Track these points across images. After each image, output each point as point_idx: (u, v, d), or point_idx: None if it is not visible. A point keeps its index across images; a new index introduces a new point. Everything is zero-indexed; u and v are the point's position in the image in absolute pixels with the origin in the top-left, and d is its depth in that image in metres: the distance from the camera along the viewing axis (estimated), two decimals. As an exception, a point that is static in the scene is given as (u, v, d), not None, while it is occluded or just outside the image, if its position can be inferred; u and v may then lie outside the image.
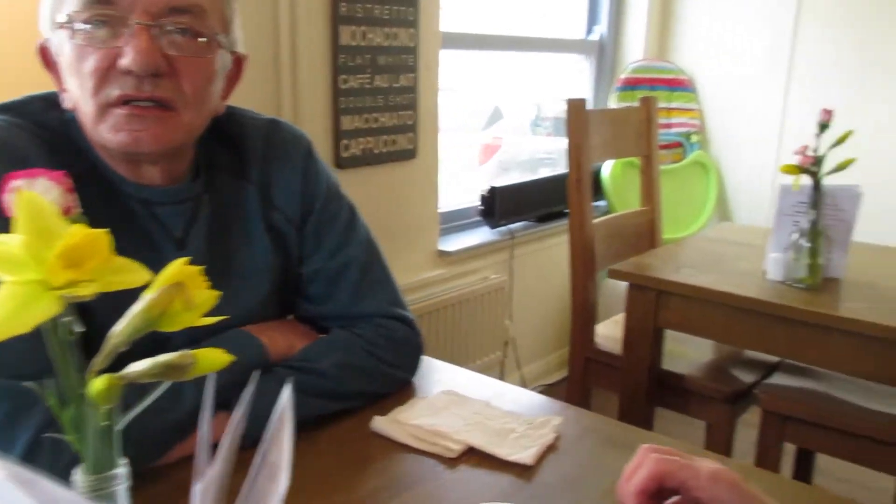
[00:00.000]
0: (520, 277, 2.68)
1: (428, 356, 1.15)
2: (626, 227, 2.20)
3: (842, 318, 1.49)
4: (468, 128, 3.58)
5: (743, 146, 2.97)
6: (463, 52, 2.70)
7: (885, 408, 1.67)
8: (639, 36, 3.06)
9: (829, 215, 1.61)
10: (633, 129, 2.14)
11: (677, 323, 1.74)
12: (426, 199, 2.34)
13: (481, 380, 1.16)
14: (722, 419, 1.82)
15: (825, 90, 2.69)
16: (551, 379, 2.90)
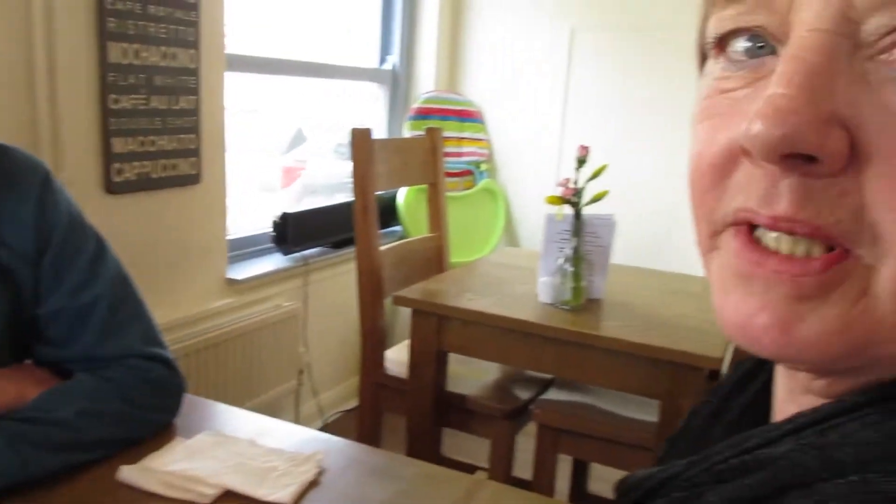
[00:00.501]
0: (314, 304, 2.65)
1: (213, 391, 1.10)
2: (415, 252, 2.25)
3: (600, 336, 1.63)
4: (270, 151, 3.50)
5: (527, 175, 3.18)
6: (262, 75, 2.65)
7: (643, 416, 1.85)
8: (430, 67, 3.18)
9: (588, 242, 1.76)
10: (419, 158, 2.20)
11: (459, 346, 1.81)
12: (213, 226, 2.25)
13: (248, 417, 1.12)
14: (503, 436, 1.91)
15: (593, 125, 2.96)
16: (349, 405, 2.89)
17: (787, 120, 0.28)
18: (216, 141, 2.20)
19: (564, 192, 1.67)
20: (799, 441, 0.32)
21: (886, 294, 0.29)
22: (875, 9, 0.28)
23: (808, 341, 0.31)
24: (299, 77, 2.89)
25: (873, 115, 0.28)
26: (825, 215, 0.29)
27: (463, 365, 2.10)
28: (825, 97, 0.28)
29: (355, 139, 1.91)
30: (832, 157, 0.28)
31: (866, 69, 0.28)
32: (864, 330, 0.30)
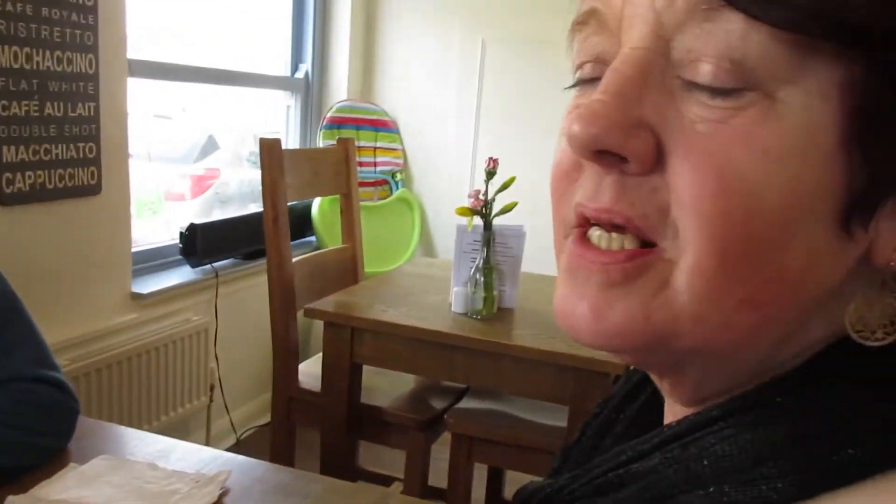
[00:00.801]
0: (226, 317, 2.58)
1: (117, 412, 1.06)
2: (329, 263, 2.23)
3: (510, 345, 1.65)
4: (181, 159, 3.39)
5: (442, 185, 3.20)
6: (169, 82, 2.57)
7: (554, 421, 1.88)
8: (343, 76, 3.16)
9: (499, 252, 1.79)
10: (331, 168, 2.19)
11: (372, 357, 1.81)
12: (116, 238, 2.16)
13: (150, 439, 1.08)
14: (418, 446, 1.91)
15: (504, 135, 3.01)
16: (262, 420, 2.82)
17: (598, 122, 0.32)
18: (118, 149, 2.12)
19: (474, 203, 1.69)
20: (664, 455, 0.35)
21: (684, 287, 0.32)
22: (677, 29, 0.31)
23: (615, 328, 0.34)
24: (209, 85, 2.82)
25: (674, 123, 0.32)
26: (637, 208, 0.33)
27: (379, 376, 2.09)
28: (634, 104, 0.32)
29: (264, 150, 1.88)
30: (637, 157, 0.32)
31: (673, 84, 0.32)
32: (663, 320, 0.33)
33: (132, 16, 2.14)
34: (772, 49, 0.29)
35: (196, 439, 2.55)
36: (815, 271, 0.32)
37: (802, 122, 0.30)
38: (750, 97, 0.30)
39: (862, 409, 0.31)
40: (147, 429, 2.29)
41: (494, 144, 3.00)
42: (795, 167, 0.30)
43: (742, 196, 0.30)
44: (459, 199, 2.92)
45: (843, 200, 0.31)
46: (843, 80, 0.29)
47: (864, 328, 0.32)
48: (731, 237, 0.31)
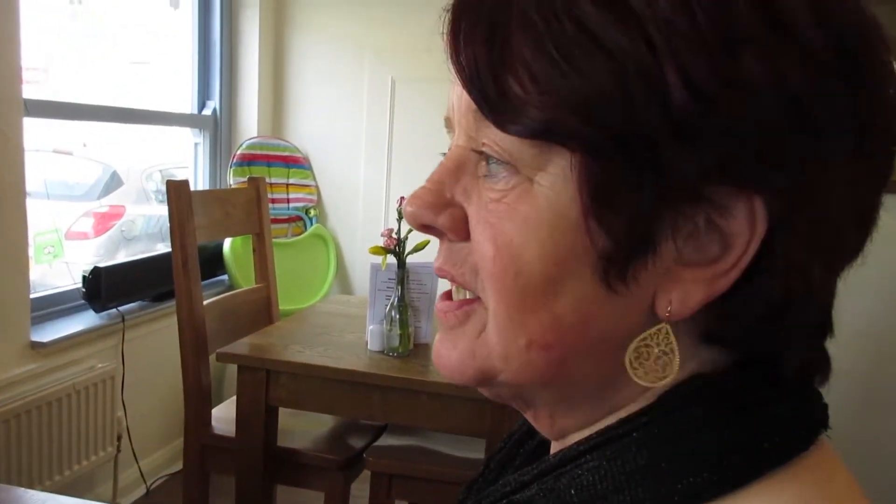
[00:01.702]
0: (133, 363, 2.49)
1: (16, 468, 1.01)
2: (242, 304, 2.20)
3: (427, 381, 1.67)
4: (83, 196, 3.27)
5: (356, 220, 3.20)
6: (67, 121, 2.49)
7: (472, 454, 1.91)
8: (252, 113, 3.14)
9: (414, 289, 1.81)
10: (242, 208, 2.17)
11: (288, 400, 1.79)
12: (12, 284, 2.06)
13: (50, 501, 1.04)
14: (336, 487, 1.89)
15: (416, 172, 3.04)
16: (174, 468, 2.72)
17: (415, 203, 0.42)
18: (14, 191, 2.03)
19: (387, 242, 1.71)
20: (541, 486, 0.41)
21: (492, 330, 0.41)
22: (475, 133, 0.41)
23: (455, 364, 0.43)
24: (111, 123, 2.74)
25: (475, 201, 0.41)
26: (458, 268, 0.42)
27: (296, 417, 2.06)
28: (447, 188, 0.42)
29: (172, 191, 1.85)
30: (447, 229, 0.41)
31: (479, 174, 0.41)
32: (483, 356, 0.41)
33: (29, 51, 2.08)
34: (520, 146, 0.38)
35: (103, 492, 2.44)
36: (594, 319, 0.39)
37: (551, 199, 0.37)
38: (514, 181, 0.38)
39: (703, 439, 0.37)
40: (49, 485, 2.17)
41: (407, 182, 3.04)
42: (548, 234, 0.38)
43: (511, 257, 0.38)
44: (374, 234, 2.94)
45: (594, 260, 0.37)
46: (576, 164, 0.36)
47: (649, 370, 0.39)
48: (509, 290, 0.39)
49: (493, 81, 0.37)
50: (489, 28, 0.38)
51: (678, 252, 0.37)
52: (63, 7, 2.82)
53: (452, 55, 0.40)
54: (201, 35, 3.04)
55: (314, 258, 3.19)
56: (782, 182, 0.35)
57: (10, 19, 1.97)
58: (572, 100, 0.35)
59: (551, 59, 0.36)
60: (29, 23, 2.07)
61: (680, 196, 0.36)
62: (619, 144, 0.35)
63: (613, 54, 0.34)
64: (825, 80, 0.34)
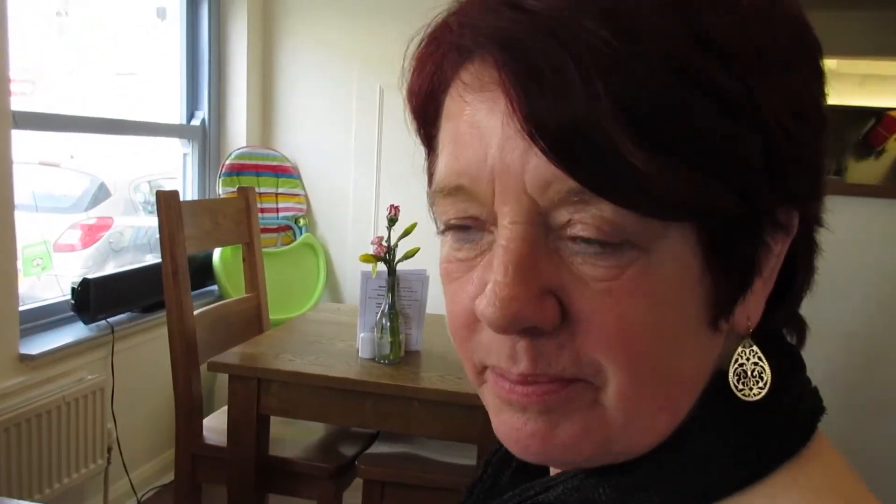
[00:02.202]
0: (123, 374, 2.48)
1: (5, 481, 1.00)
2: (232, 314, 2.20)
3: (419, 388, 1.68)
4: (71, 208, 3.25)
5: (346, 229, 3.21)
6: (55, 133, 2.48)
7: (463, 460, 1.91)
8: (240, 123, 3.14)
9: (404, 297, 1.82)
10: (231, 218, 2.17)
11: (279, 408, 1.79)
12: (0, 298, 2.05)
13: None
14: (328, 495, 1.89)
15: (405, 180, 3.06)
16: (166, 479, 2.71)
17: (511, 305, 0.35)
18: (1, 203, 2.02)
19: (377, 250, 1.72)
20: (566, 486, 0.42)
21: (612, 406, 0.38)
22: (553, 208, 0.36)
23: (563, 445, 0.39)
24: (100, 134, 2.74)
25: (570, 284, 0.36)
26: (553, 366, 0.37)
27: (287, 426, 2.06)
28: (534, 277, 0.36)
29: (161, 202, 1.85)
30: (548, 323, 0.36)
31: (558, 246, 0.36)
32: (602, 431, 0.39)
33: (16, 63, 2.08)
34: (641, 221, 0.35)
35: (93, 505, 2.42)
36: (703, 366, 0.40)
37: (675, 267, 0.36)
38: (630, 255, 0.35)
39: (721, 436, 0.39)
40: (39, 498, 2.16)
41: (396, 190, 3.05)
42: (676, 300, 0.37)
43: (641, 335, 0.36)
44: (364, 242, 2.94)
45: (712, 310, 0.38)
46: (696, 230, 0.36)
47: (745, 386, 0.39)
48: (643, 368, 0.37)
49: (612, 154, 0.33)
50: (583, 77, 0.33)
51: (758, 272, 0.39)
52: (50, 19, 2.82)
53: (524, 116, 0.34)
54: (189, 45, 3.05)
55: (304, 267, 3.19)
56: (821, 188, 0.40)
57: (-3, 31, 1.97)
58: (700, 160, 0.34)
59: (666, 113, 0.33)
60: (16, 34, 2.07)
61: (772, 228, 0.38)
62: (738, 195, 0.35)
63: (718, 98, 0.34)
64: (813, 76, 0.39)
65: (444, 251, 0.42)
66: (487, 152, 0.36)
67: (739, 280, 0.38)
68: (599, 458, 0.40)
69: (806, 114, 0.37)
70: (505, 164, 0.36)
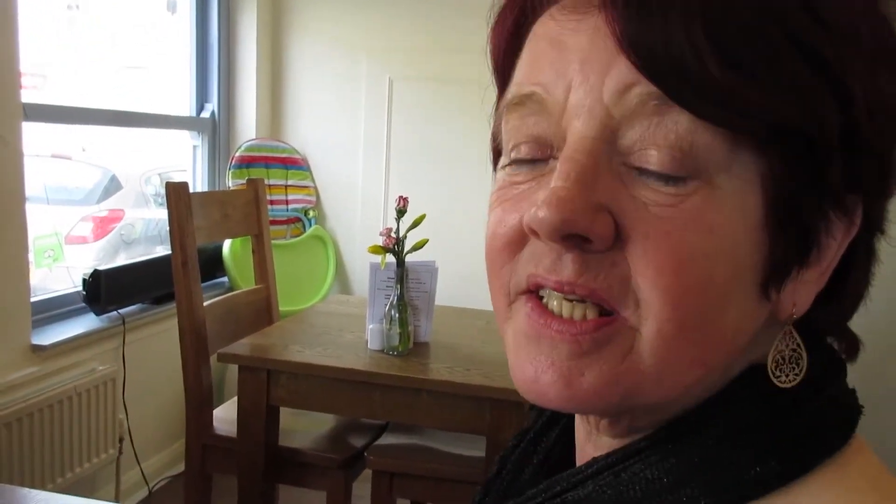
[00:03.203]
0: (134, 365, 2.49)
1: (18, 470, 1.01)
2: (242, 305, 2.21)
3: (427, 379, 1.68)
4: (82, 200, 3.27)
5: (355, 221, 3.21)
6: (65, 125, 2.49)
7: (472, 452, 1.91)
8: (250, 115, 3.14)
9: (413, 288, 1.82)
10: (241, 209, 2.17)
11: (288, 399, 1.79)
12: (12, 290, 2.07)
13: (53, 500, 1.05)
14: (338, 486, 1.90)
15: (414, 171, 3.06)
16: (176, 469, 2.73)
17: (566, 208, 0.35)
18: (14, 197, 2.04)
19: (386, 241, 1.72)
20: (598, 483, 0.39)
21: (647, 352, 0.36)
22: (626, 122, 0.35)
23: (587, 393, 0.37)
24: (110, 127, 2.75)
25: (629, 205, 0.35)
26: (600, 281, 0.36)
27: (296, 416, 2.07)
28: (594, 190, 0.35)
29: (171, 193, 1.86)
30: (600, 238, 0.35)
31: (621, 170, 0.36)
32: (631, 382, 0.37)
33: (27, 56, 2.09)
34: (712, 142, 0.34)
35: (105, 494, 2.44)
36: (743, 330, 0.38)
37: (737, 204, 0.35)
38: (694, 185, 0.35)
39: (763, 432, 0.37)
40: (52, 487, 2.18)
41: (405, 181, 3.05)
42: (734, 242, 0.35)
43: (697, 270, 0.35)
44: (373, 234, 2.94)
45: (765, 270, 0.36)
46: (763, 170, 0.35)
47: (782, 373, 0.38)
48: (689, 306, 0.35)
49: (698, 63, 0.33)
50: (685, 5, 0.34)
51: (817, 257, 0.38)
52: (61, 12, 2.83)
53: (618, 26, 0.34)
54: (199, 38, 3.05)
55: (313, 259, 3.20)
56: (889, 189, 0.38)
57: (8, 24, 1.98)
58: (792, 100, 0.34)
59: (764, 54, 0.34)
60: (27, 28, 2.08)
61: (833, 204, 0.37)
62: (812, 150, 0.35)
63: (816, 61, 0.34)
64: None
65: (499, 178, 0.41)
66: (569, 65, 0.36)
67: (796, 246, 0.37)
68: (621, 407, 0.39)
69: (888, 111, 0.37)
70: (585, 74, 0.36)
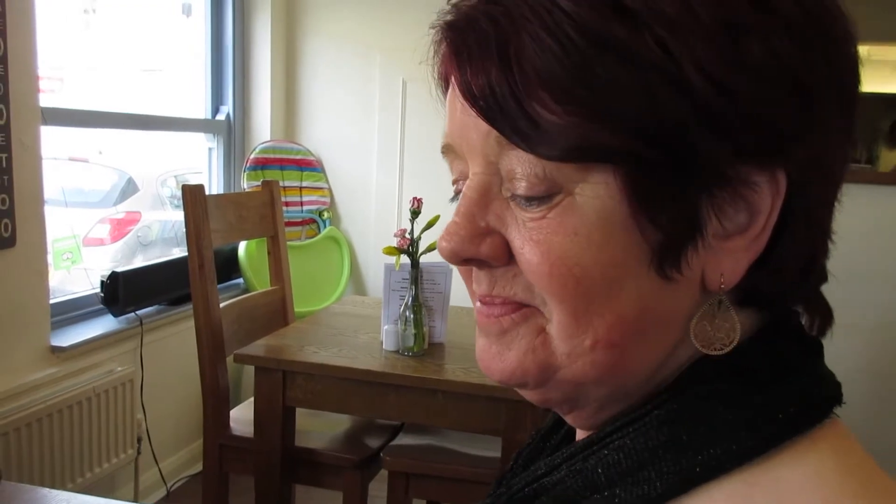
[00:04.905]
0: (151, 366, 2.52)
1: (38, 471, 1.03)
2: (258, 307, 2.22)
3: (442, 380, 1.68)
4: (100, 202, 3.31)
5: (369, 222, 3.22)
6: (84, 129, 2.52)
7: (488, 452, 1.91)
8: (265, 117, 3.16)
9: (427, 289, 1.82)
10: (256, 211, 2.19)
11: (304, 400, 1.80)
12: (31, 291, 2.09)
13: (74, 500, 1.06)
14: (354, 486, 1.91)
15: (429, 172, 3.06)
16: (194, 469, 2.75)
17: (453, 239, 0.42)
18: (33, 200, 2.06)
19: (400, 242, 1.72)
20: (570, 468, 0.43)
21: (554, 333, 0.41)
22: (498, 158, 0.41)
23: (512, 364, 0.43)
24: (127, 130, 2.78)
25: (511, 224, 0.41)
26: (508, 290, 0.42)
27: (312, 417, 2.08)
28: (480, 218, 0.41)
29: (187, 196, 1.87)
30: (491, 257, 0.42)
31: (507, 196, 0.41)
32: (544, 355, 0.42)
33: (45, 60, 2.11)
34: (559, 166, 0.38)
35: (124, 494, 2.47)
36: (653, 310, 0.40)
37: (596, 207, 0.38)
38: (557, 198, 0.39)
39: (721, 414, 0.39)
40: (71, 487, 2.20)
41: (419, 182, 3.05)
42: (600, 239, 0.39)
43: (568, 269, 0.39)
44: (387, 235, 2.95)
45: (648, 254, 0.39)
46: (617, 172, 0.38)
47: (709, 342, 0.40)
48: (571, 297, 0.39)
49: (518, 108, 0.38)
50: (500, 49, 0.38)
51: (721, 228, 0.39)
52: (77, 16, 2.86)
53: (460, 83, 0.39)
54: (214, 41, 3.07)
55: (328, 260, 3.21)
56: (798, 153, 0.39)
57: (26, 29, 2.00)
58: (604, 115, 0.36)
59: (571, 76, 0.36)
60: (44, 32, 2.10)
61: (714, 180, 0.38)
62: (654, 146, 0.37)
63: (632, 61, 0.36)
64: (807, 51, 0.38)
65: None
66: (458, 116, 0.42)
67: (678, 229, 0.38)
68: (549, 383, 0.43)
69: (777, 77, 0.37)
70: (463, 123, 0.42)
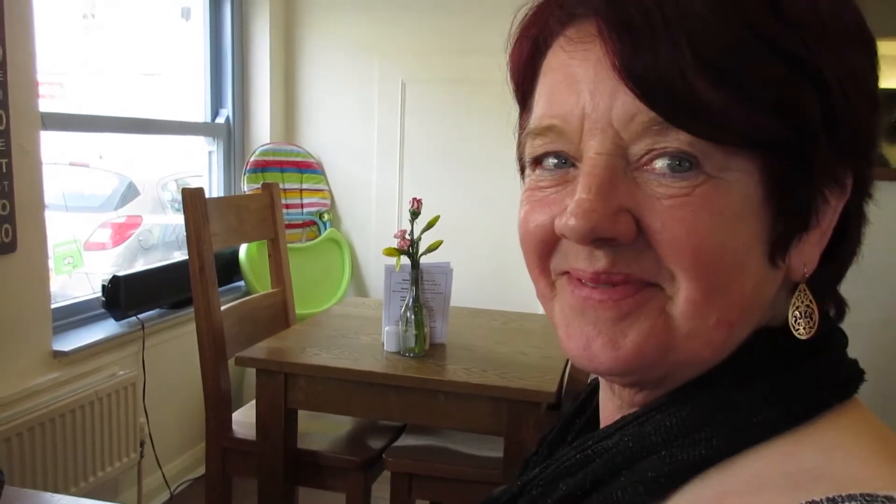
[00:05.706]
0: (154, 370, 2.52)
1: (41, 475, 1.03)
2: (259, 309, 2.22)
3: (444, 381, 1.68)
4: (100, 207, 3.31)
5: (370, 223, 3.22)
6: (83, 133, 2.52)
7: (490, 452, 1.91)
8: (265, 120, 3.16)
9: (428, 290, 1.82)
10: (257, 214, 2.19)
11: (306, 402, 1.80)
12: (33, 297, 2.09)
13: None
14: (357, 487, 1.91)
15: (428, 173, 3.06)
16: (197, 472, 2.75)
17: (591, 217, 0.41)
18: (33, 205, 2.06)
19: (400, 243, 1.73)
20: (623, 434, 0.45)
21: (678, 313, 0.43)
22: (634, 140, 0.42)
23: (631, 352, 0.43)
24: (127, 134, 2.78)
25: (645, 202, 0.42)
26: (633, 267, 0.43)
27: (314, 419, 2.08)
28: (613, 196, 0.42)
29: (187, 199, 1.87)
30: (624, 235, 0.42)
31: (635, 176, 0.42)
32: (665, 337, 0.43)
33: (44, 65, 2.11)
34: (709, 149, 0.40)
35: (127, 498, 2.47)
36: (759, 294, 0.44)
37: (739, 191, 0.41)
38: (700, 178, 0.41)
39: (771, 382, 0.43)
40: (74, 491, 2.20)
41: (419, 183, 3.05)
42: (740, 221, 0.42)
43: (714, 246, 0.41)
44: (387, 236, 2.95)
45: (769, 242, 0.43)
46: (757, 163, 0.41)
47: (793, 326, 0.44)
48: (710, 277, 0.41)
49: (686, 89, 0.39)
50: (668, 27, 0.39)
51: (816, 221, 0.44)
52: (77, 21, 2.86)
53: (618, 60, 0.40)
54: (213, 45, 3.07)
55: (329, 262, 3.21)
56: (872, 155, 0.45)
57: (25, 34, 2.00)
58: (762, 102, 0.40)
59: (737, 62, 0.39)
60: (44, 37, 2.10)
61: (826, 176, 0.43)
62: (799, 138, 0.41)
63: (785, 57, 0.40)
64: (873, 65, 0.44)
65: (528, 182, 0.48)
66: (580, 96, 0.43)
67: (795, 220, 0.43)
68: (659, 367, 0.44)
69: (862, 87, 0.43)
70: (595, 103, 0.42)
